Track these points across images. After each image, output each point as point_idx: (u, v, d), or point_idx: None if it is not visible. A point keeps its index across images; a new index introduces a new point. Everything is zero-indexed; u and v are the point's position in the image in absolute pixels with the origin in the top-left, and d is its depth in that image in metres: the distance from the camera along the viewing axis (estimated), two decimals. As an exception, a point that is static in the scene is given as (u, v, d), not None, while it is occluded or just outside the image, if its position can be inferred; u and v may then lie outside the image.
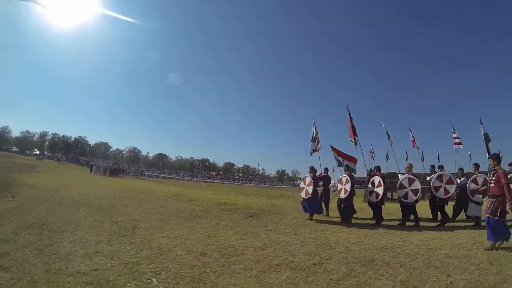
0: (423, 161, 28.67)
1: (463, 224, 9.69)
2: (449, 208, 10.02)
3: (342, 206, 10.20)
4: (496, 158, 6.60)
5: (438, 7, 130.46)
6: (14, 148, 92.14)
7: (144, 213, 9.62)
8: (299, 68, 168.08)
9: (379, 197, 9.85)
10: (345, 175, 10.56)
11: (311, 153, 14.23)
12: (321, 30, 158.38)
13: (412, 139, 24.96)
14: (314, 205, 10.63)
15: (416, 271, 4.67)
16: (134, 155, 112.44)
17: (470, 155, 27.47)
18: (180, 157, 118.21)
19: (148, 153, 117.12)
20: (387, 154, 30.67)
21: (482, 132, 17.32)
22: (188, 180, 52.03)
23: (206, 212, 11.08)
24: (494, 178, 6.36)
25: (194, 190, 24.12)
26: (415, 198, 9.41)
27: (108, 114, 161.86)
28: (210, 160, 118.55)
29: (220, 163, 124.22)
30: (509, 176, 8.11)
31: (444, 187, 9.48)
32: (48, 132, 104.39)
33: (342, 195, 10.23)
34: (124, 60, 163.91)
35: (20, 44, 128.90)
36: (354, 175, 11.73)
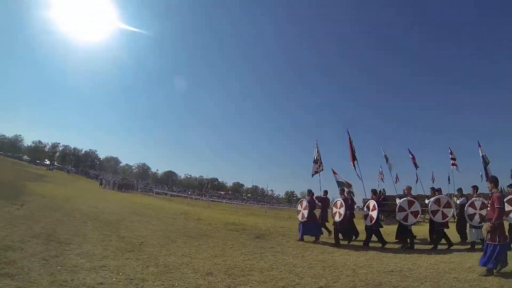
0: (416, 182, 27.87)
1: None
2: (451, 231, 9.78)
3: (336, 229, 10.27)
4: (494, 181, 6.41)
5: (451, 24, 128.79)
6: (26, 157, 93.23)
7: (152, 229, 9.57)
8: (313, 87, 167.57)
9: (373, 221, 9.72)
10: (340, 199, 10.60)
11: (313, 175, 14.34)
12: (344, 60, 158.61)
13: (412, 156, 24.83)
14: (313, 227, 10.64)
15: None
16: (143, 171, 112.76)
17: (481, 176, 26.75)
18: (189, 175, 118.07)
19: (157, 170, 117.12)
20: (397, 175, 29.98)
21: (481, 154, 17.54)
22: (197, 198, 51.79)
23: (214, 231, 10.98)
24: (490, 201, 6.22)
25: (202, 209, 24.00)
26: (414, 220, 9.36)
27: (119, 128, 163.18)
28: (219, 180, 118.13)
29: (229, 182, 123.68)
30: (508, 198, 8.02)
31: (442, 211, 9.23)
32: (59, 143, 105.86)
33: (337, 218, 10.22)
34: (138, 74, 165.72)
35: (37, 59, 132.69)
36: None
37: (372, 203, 10.05)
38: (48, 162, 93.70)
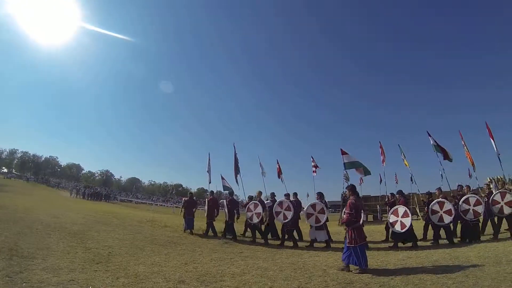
0: (396, 183, 28.56)
1: (441, 242, 9.82)
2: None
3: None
4: (351, 189, 7.04)
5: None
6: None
7: (119, 239, 9.39)
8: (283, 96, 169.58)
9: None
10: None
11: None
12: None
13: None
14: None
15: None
16: (107, 178, 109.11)
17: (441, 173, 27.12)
18: (153, 181, 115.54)
19: (121, 176, 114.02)
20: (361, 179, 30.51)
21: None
22: (161, 205, 50.86)
23: (182, 238, 10.95)
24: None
25: (168, 215, 23.52)
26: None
27: (81, 134, 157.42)
28: (183, 185, 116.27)
29: (194, 188, 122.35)
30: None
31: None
32: (17, 149, 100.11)
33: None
34: (100, 77, 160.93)
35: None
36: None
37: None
38: (5, 170, 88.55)
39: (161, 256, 7.44)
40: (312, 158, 18.33)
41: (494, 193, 9.82)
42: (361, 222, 6.76)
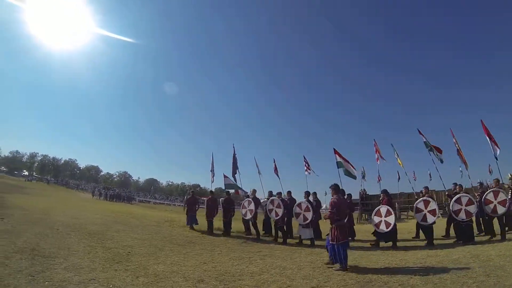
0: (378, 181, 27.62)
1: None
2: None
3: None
4: (334, 188, 7.05)
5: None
6: (3, 168, 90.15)
7: (138, 239, 9.46)
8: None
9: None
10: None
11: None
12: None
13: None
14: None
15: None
16: (125, 180, 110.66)
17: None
18: (171, 182, 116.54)
19: (139, 177, 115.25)
20: (398, 174, 30.12)
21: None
22: (179, 205, 51.28)
23: (200, 238, 10.95)
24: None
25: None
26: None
27: (99, 136, 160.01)
28: (201, 186, 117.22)
29: (212, 188, 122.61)
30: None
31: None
32: (38, 153, 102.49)
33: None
34: (118, 81, 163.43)
35: (11, 62, 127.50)
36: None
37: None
38: (26, 173, 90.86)
39: (180, 255, 7.45)
40: (304, 158, 18.87)
41: (487, 192, 9.43)
42: (345, 220, 7.03)
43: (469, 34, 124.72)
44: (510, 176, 11.17)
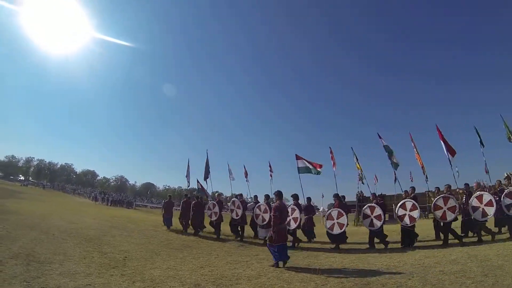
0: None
1: (456, 241, 9.59)
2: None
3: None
4: (278, 194, 7.83)
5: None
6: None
7: (134, 243, 9.42)
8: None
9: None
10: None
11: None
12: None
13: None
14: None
15: (413, 291, 4.63)
16: (121, 184, 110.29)
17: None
18: (168, 186, 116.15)
19: (135, 182, 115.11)
20: (394, 176, 30.09)
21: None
22: (176, 209, 50.97)
23: (197, 242, 10.92)
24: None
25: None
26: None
27: (96, 139, 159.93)
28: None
29: (209, 192, 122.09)
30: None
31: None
32: (34, 157, 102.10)
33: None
34: (115, 84, 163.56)
35: (7, 66, 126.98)
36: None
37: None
38: (22, 178, 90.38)
39: (176, 260, 7.43)
40: (269, 164, 20.58)
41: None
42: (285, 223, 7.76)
43: (469, 34, 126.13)
44: (505, 176, 11.21)
